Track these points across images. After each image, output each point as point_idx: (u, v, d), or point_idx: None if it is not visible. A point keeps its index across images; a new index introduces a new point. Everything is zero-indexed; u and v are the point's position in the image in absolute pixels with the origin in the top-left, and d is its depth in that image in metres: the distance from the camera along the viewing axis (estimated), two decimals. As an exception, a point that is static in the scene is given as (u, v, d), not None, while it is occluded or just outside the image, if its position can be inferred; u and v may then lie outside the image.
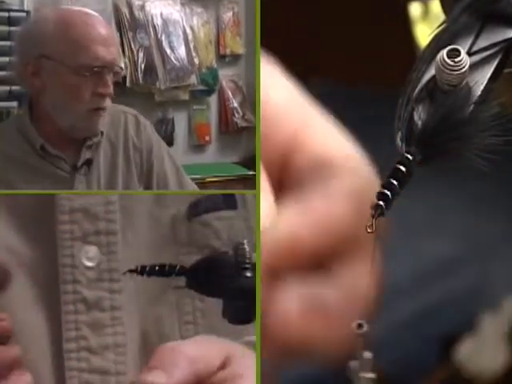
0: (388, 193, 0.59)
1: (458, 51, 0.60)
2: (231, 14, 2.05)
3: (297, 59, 1.07)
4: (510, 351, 1.01)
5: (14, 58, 1.04)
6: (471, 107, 0.60)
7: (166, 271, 0.66)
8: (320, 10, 1.10)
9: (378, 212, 0.59)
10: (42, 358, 0.77)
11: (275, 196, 0.69)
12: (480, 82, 0.61)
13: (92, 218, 0.79)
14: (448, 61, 0.60)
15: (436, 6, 0.86)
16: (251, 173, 1.78)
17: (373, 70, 1.04)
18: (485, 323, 1.01)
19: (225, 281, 0.65)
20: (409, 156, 0.60)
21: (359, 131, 0.67)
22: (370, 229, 0.59)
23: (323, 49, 1.07)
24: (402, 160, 0.60)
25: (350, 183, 0.67)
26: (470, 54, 0.62)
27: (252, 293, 0.64)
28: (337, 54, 1.05)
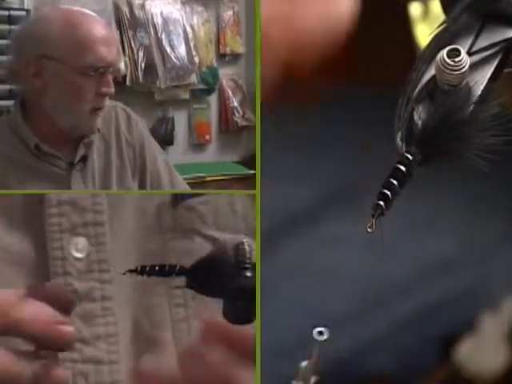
0: (388, 193, 0.59)
1: (458, 51, 0.60)
2: (231, 12, 2.05)
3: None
4: (510, 351, 1.01)
5: (11, 58, 1.03)
6: (471, 107, 0.60)
7: (165, 271, 0.66)
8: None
9: (378, 212, 0.59)
10: None
11: None
12: (480, 81, 0.61)
13: (80, 210, 0.79)
14: (448, 61, 0.60)
15: (436, 6, 0.86)
16: (251, 172, 1.78)
17: (373, 70, 1.04)
18: (485, 323, 1.01)
19: (225, 281, 0.65)
20: (409, 156, 0.60)
21: (359, 131, 0.67)
22: (371, 229, 0.59)
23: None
24: (401, 160, 0.60)
25: None
26: (470, 53, 0.62)
27: (252, 293, 0.64)
28: (337, 53, 1.05)
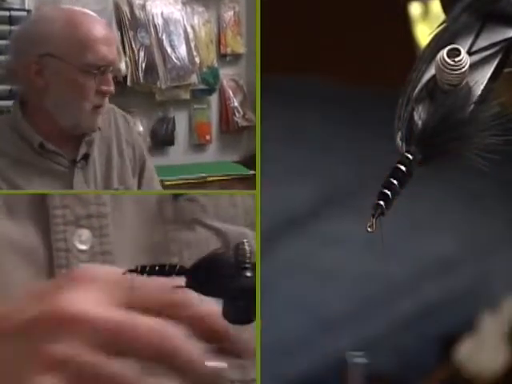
0: (388, 192, 0.59)
1: (458, 51, 0.60)
2: (232, 13, 2.05)
3: (297, 59, 1.08)
4: (510, 351, 1.01)
5: (10, 58, 1.03)
6: (471, 107, 0.60)
7: (165, 271, 0.66)
8: (320, 10, 1.10)
9: (378, 212, 0.59)
10: None
11: None
12: (480, 81, 0.61)
13: (83, 202, 0.80)
14: (448, 60, 0.60)
15: (436, 6, 0.86)
16: (251, 172, 1.78)
17: (373, 70, 1.04)
18: (485, 323, 1.01)
19: (225, 281, 0.64)
20: (409, 156, 0.60)
21: (359, 131, 0.67)
22: (371, 228, 0.59)
23: (323, 49, 1.07)
24: (402, 160, 0.60)
25: None
26: (470, 53, 0.62)
27: (252, 293, 0.64)
28: (337, 53, 1.05)
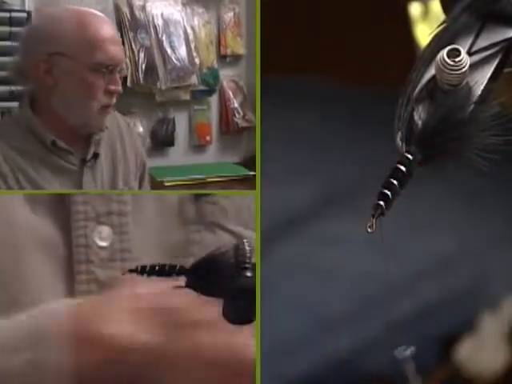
0: (388, 193, 0.59)
1: (458, 51, 0.60)
2: (232, 14, 2.05)
3: (297, 59, 1.08)
4: (510, 351, 1.01)
5: (20, 58, 1.03)
6: (471, 107, 0.60)
7: (165, 271, 0.66)
8: (320, 10, 1.10)
9: (378, 212, 0.59)
10: None
11: None
12: (480, 81, 0.61)
13: (105, 199, 0.81)
14: (448, 61, 0.60)
15: (436, 6, 0.86)
16: (252, 173, 1.78)
17: (373, 70, 1.04)
18: (485, 323, 1.01)
19: (225, 281, 0.65)
20: (409, 156, 0.60)
21: (359, 131, 0.67)
22: (371, 229, 0.59)
23: (323, 49, 1.07)
24: (402, 160, 0.60)
25: None
26: (470, 53, 0.62)
27: (252, 293, 0.64)
28: (337, 53, 1.05)
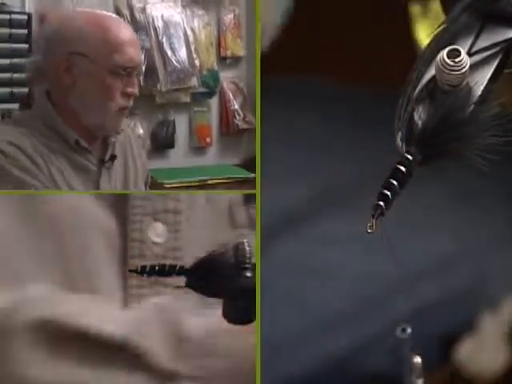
0: (388, 193, 0.59)
1: (458, 51, 0.60)
2: (232, 16, 2.05)
3: (297, 59, 1.08)
4: (510, 351, 1.01)
5: (40, 57, 1.04)
6: (471, 107, 0.60)
7: (166, 271, 0.67)
8: (320, 10, 1.10)
9: (377, 212, 0.59)
10: None
11: None
12: (480, 82, 0.61)
13: (162, 196, 0.83)
14: (448, 61, 0.60)
15: (436, 6, 0.86)
16: (252, 175, 1.78)
17: (373, 70, 1.04)
18: (485, 323, 1.01)
19: (225, 281, 0.65)
20: (409, 156, 0.60)
21: (359, 131, 0.67)
22: (371, 229, 0.59)
23: (323, 49, 1.07)
24: (401, 160, 0.60)
25: None
26: (470, 54, 0.62)
27: (252, 293, 0.64)
28: (337, 53, 1.05)
